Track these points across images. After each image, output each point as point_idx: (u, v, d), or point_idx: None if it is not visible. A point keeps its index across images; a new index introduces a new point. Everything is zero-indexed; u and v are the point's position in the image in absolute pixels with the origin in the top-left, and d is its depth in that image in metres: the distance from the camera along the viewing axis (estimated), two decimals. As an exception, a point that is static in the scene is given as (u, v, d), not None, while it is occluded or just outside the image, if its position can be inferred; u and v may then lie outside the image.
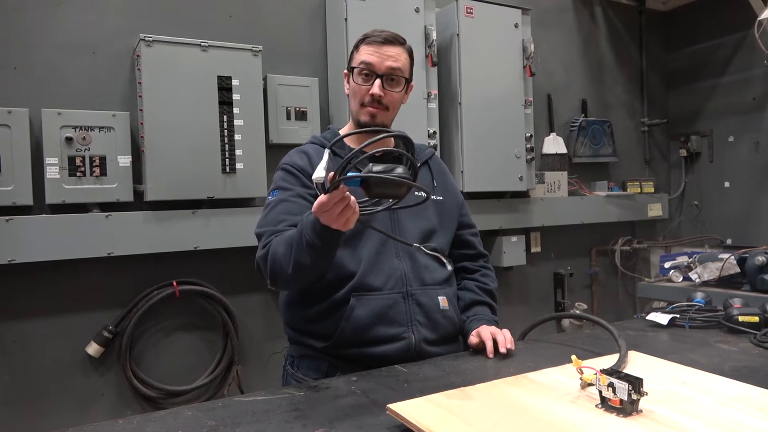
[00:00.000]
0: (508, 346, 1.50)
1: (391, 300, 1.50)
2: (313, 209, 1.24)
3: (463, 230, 1.76)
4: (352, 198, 1.22)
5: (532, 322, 1.79)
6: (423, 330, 1.53)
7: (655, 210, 4.12)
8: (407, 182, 1.17)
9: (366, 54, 1.56)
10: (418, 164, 1.67)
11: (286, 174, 1.59)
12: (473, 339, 1.57)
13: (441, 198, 1.70)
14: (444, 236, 1.67)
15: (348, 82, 1.64)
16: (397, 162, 1.21)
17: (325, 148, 1.60)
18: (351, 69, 1.60)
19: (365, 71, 1.56)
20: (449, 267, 1.64)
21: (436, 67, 3.04)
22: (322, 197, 1.20)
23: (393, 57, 1.57)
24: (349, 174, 1.15)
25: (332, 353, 1.51)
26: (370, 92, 1.56)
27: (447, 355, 1.54)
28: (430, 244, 1.61)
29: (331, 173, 1.15)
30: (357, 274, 1.50)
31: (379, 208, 1.28)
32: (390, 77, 1.57)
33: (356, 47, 1.61)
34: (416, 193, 1.34)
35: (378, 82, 1.55)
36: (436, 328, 1.55)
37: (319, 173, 1.15)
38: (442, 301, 1.58)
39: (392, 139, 1.71)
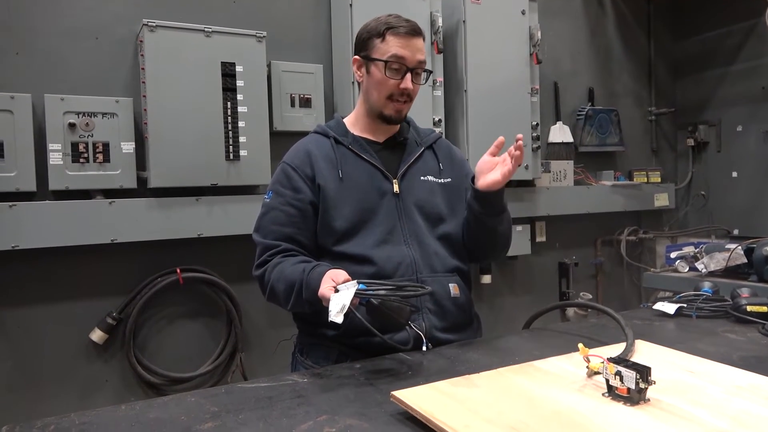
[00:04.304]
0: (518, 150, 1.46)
1: (402, 281, 1.48)
2: (320, 292, 1.29)
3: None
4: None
5: (537, 310, 1.77)
6: (433, 318, 1.52)
7: (662, 200, 4.09)
8: (403, 323, 1.32)
9: (396, 47, 1.53)
10: (422, 149, 1.67)
11: (283, 175, 1.59)
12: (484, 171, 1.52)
13: (449, 180, 1.68)
14: (454, 220, 1.65)
15: (361, 70, 1.60)
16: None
17: (329, 138, 1.60)
18: (374, 60, 1.55)
19: (396, 65, 1.54)
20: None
21: (442, 54, 3.02)
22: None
23: (420, 50, 1.56)
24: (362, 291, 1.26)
25: (343, 341, 1.50)
26: (402, 87, 1.54)
27: (454, 343, 1.53)
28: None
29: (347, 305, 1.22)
30: (369, 263, 1.50)
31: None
32: (417, 71, 1.57)
33: (380, 36, 1.54)
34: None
35: (409, 76, 1.54)
36: (446, 316, 1.54)
37: (337, 319, 1.21)
38: (453, 289, 1.56)
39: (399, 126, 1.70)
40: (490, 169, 1.52)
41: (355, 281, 1.26)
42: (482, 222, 1.58)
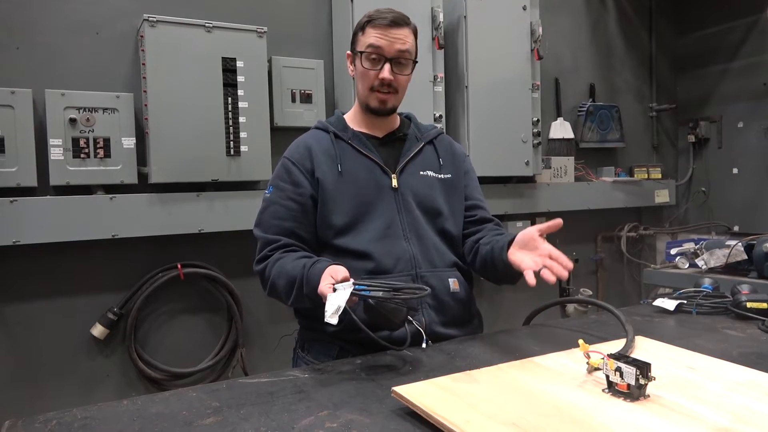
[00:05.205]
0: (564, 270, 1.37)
1: (400, 283, 1.48)
2: (320, 289, 1.27)
3: (465, 202, 1.71)
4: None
5: (537, 306, 1.78)
6: (432, 313, 1.52)
7: (662, 196, 4.09)
8: (398, 324, 1.33)
9: (373, 37, 1.54)
10: (422, 144, 1.67)
11: (283, 170, 1.60)
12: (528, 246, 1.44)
13: (449, 176, 1.68)
14: (453, 217, 1.65)
15: (353, 65, 1.63)
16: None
17: (329, 133, 1.60)
18: (357, 53, 1.58)
19: (373, 55, 1.54)
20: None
21: (443, 49, 3.01)
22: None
23: (401, 39, 1.55)
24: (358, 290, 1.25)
25: (343, 337, 1.50)
26: (380, 77, 1.54)
27: (454, 338, 1.53)
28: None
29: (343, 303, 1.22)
30: (368, 259, 1.50)
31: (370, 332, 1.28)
32: (398, 60, 1.56)
33: (361, 29, 1.58)
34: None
35: (387, 66, 1.54)
36: (445, 311, 1.54)
37: (332, 320, 1.20)
38: (453, 284, 1.57)
39: (397, 118, 1.70)
40: (530, 249, 1.45)
41: (351, 281, 1.26)
42: (501, 273, 1.54)
